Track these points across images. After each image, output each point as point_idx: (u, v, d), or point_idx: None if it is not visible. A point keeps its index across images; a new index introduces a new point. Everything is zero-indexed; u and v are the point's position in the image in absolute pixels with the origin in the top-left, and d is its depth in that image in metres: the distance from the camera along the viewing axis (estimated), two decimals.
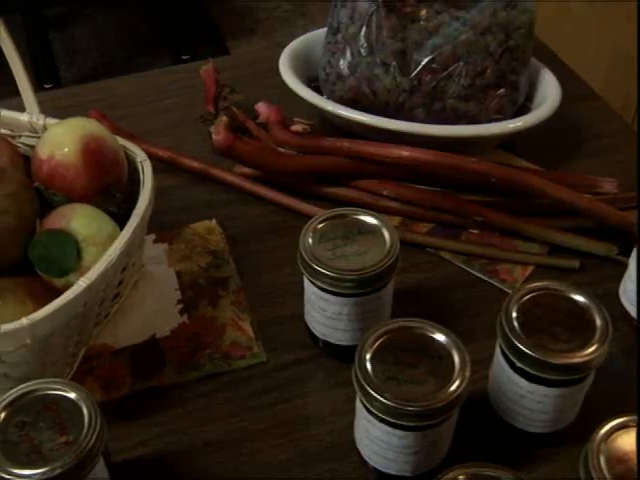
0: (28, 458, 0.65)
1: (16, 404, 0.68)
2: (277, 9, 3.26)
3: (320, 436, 0.80)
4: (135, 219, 0.81)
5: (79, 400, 0.68)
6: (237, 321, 0.89)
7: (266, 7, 3.27)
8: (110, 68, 2.98)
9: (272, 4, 3.27)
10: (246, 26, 3.17)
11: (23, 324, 0.71)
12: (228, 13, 3.24)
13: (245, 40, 3.08)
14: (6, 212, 0.80)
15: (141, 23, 3.21)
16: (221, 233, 1.00)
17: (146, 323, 0.90)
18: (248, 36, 3.11)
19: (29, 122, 0.93)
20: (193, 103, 1.22)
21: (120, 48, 3.12)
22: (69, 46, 3.11)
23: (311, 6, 3.24)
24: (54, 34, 3.06)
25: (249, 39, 3.09)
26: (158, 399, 0.84)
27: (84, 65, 3.04)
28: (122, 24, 3.23)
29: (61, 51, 3.05)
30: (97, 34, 3.17)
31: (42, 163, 0.84)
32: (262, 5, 3.26)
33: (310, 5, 3.25)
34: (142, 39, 3.14)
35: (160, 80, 1.30)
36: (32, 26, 2.67)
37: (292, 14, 3.24)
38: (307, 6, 3.26)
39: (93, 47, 3.12)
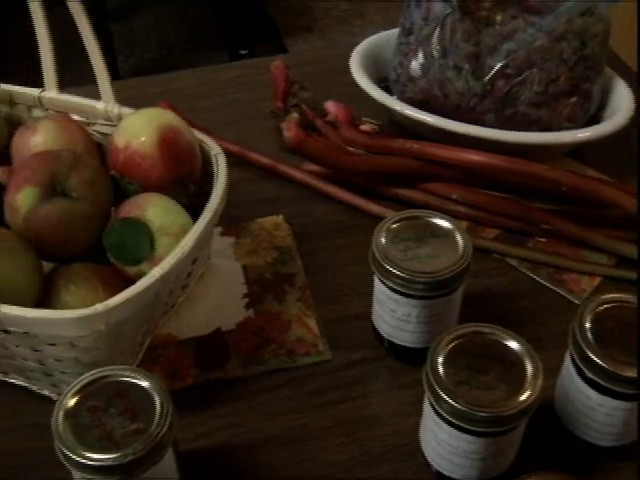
0: (100, 443, 0.65)
1: (88, 389, 0.69)
2: (335, 8, 3.26)
3: (383, 437, 0.80)
4: (209, 212, 0.81)
5: (151, 388, 0.68)
6: (302, 318, 0.89)
7: (324, 6, 3.27)
8: (168, 61, 2.99)
9: (330, 3, 3.27)
10: (303, 24, 3.17)
11: (98, 310, 0.71)
12: (286, 10, 3.24)
13: (302, 38, 3.09)
14: (82, 198, 0.81)
15: (200, 17, 3.23)
16: (288, 229, 1.00)
17: (211, 316, 0.90)
18: (305, 34, 3.11)
19: (104, 110, 0.94)
20: (258, 98, 1.22)
21: (178, 41, 3.13)
22: (128, 38, 3.13)
23: (369, 6, 3.24)
24: (114, 25, 3.09)
25: (305, 37, 3.09)
26: (222, 391, 0.84)
27: (142, 57, 3.06)
28: (181, 17, 3.25)
29: (120, 42, 3.07)
30: (156, 26, 3.19)
31: (118, 151, 0.85)
32: (320, 4, 3.26)
33: (368, 5, 3.24)
34: (200, 33, 3.15)
35: (226, 75, 1.31)
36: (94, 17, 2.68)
37: (350, 14, 3.24)
38: (365, 6, 3.25)
39: (152, 39, 3.14)
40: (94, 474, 0.65)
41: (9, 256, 0.78)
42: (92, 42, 0.89)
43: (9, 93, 0.99)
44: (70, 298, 0.79)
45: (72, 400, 0.68)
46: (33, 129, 0.92)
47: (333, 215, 1.03)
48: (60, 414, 0.67)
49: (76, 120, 0.95)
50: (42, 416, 0.80)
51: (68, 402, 0.68)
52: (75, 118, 0.96)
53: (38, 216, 0.80)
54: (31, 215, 0.80)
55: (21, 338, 0.75)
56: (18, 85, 0.99)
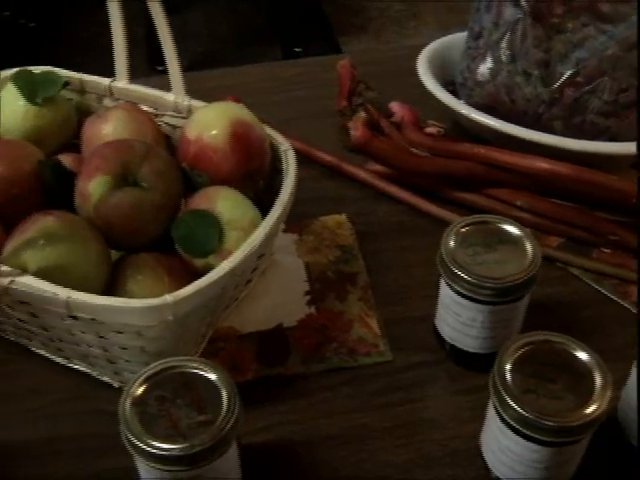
0: (166, 432, 0.66)
1: (156, 378, 0.69)
2: (389, 8, 3.26)
3: (443, 441, 0.80)
4: (278, 207, 0.81)
5: (219, 381, 0.68)
6: (364, 318, 0.89)
7: (378, 6, 3.26)
8: (220, 55, 3.00)
9: (384, 3, 3.27)
10: (358, 23, 3.17)
11: (167, 301, 0.71)
12: (340, 9, 3.24)
13: (355, 38, 3.08)
14: (153, 189, 0.81)
15: (253, 13, 3.23)
16: (351, 228, 1.00)
17: (273, 311, 0.90)
18: (359, 34, 3.11)
19: (174, 102, 0.94)
20: (322, 96, 1.22)
21: (232, 36, 3.14)
22: (180, 31, 3.14)
23: (423, 7, 3.23)
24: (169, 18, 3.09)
25: (359, 37, 3.09)
26: (282, 387, 0.84)
27: (195, 50, 3.07)
28: (234, 12, 3.26)
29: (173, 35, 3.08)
30: (210, 20, 3.21)
31: (189, 144, 0.85)
32: (375, 4, 3.26)
33: (422, 6, 3.23)
34: (253, 29, 3.16)
35: (289, 71, 1.31)
36: None
37: (404, 15, 3.23)
38: (419, 7, 3.25)
39: (204, 34, 3.15)
40: (159, 463, 0.65)
41: (79, 244, 0.79)
42: (166, 34, 0.90)
43: (80, 81, 1.00)
44: (136, 287, 0.80)
45: (140, 389, 0.68)
46: (104, 118, 0.92)
47: (395, 216, 1.03)
48: (128, 402, 0.67)
49: (145, 111, 0.95)
50: (102, 402, 0.82)
51: (136, 390, 0.68)
52: (144, 109, 0.96)
53: (109, 205, 0.81)
54: (102, 203, 0.81)
55: (88, 325, 0.75)
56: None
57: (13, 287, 0.75)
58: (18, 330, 0.85)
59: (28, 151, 0.89)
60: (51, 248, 0.77)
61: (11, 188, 0.86)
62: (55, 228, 0.78)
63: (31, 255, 0.77)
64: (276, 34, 3.04)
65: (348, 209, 1.03)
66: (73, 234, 0.79)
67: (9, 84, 0.97)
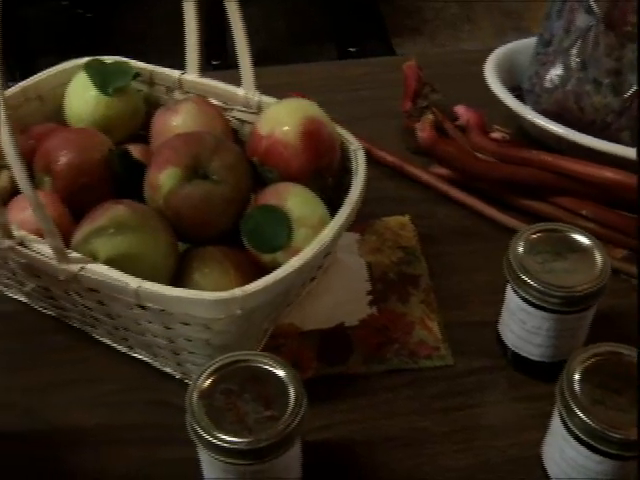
0: (233, 426, 0.66)
1: (223, 371, 0.69)
2: (444, 11, 3.24)
3: (502, 447, 0.79)
4: (348, 206, 0.81)
5: (286, 377, 0.68)
6: (425, 320, 0.89)
7: (434, 7, 3.25)
8: (275, 53, 3.01)
9: (440, 4, 3.25)
10: (412, 25, 3.16)
11: (236, 295, 0.72)
12: (396, 10, 3.23)
13: (410, 39, 3.08)
14: (223, 182, 0.82)
15: (310, 11, 3.24)
16: (413, 230, 0.99)
17: (334, 310, 0.90)
18: (414, 36, 3.10)
19: (244, 97, 0.94)
20: (386, 97, 1.22)
21: (288, 34, 3.15)
22: None
23: (478, 10, 3.21)
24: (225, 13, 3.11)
25: (414, 39, 3.08)
26: (343, 386, 0.84)
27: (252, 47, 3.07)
28: (291, 10, 3.26)
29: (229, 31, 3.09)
30: (267, 17, 3.21)
31: (261, 139, 0.86)
32: (430, 4, 3.24)
33: (477, 9, 3.22)
34: (309, 27, 3.16)
35: (354, 71, 1.31)
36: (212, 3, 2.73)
37: (458, 18, 3.22)
38: (474, 10, 3.23)
39: (262, 30, 3.15)
40: (224, 456, 0.65)
41: (150, 234, 0.79)
42: (241, 30, 0.90)
43: (150, 73, 1.01)
44: (202, 280, 0.80)
45: (207, 381, 0.68)
46: (174, 110, 0.93)
47: (458, 220, 1.02)
48: (195, 394, 0.67)
49: (215, 104, 0.96)
50: (163, 393, 0.83)
51: (203, 383, 0.68)
52: (213, 102, 0.96)
53: (179, 196, 0.81)
54: (172, 195, 0.81)
55: (156, 315, 0.76)
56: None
57: (83, 274, 0.75)
58: (83, 317, 0.86)
59: (98, 140, 0.90)
60: (121, 237, 0.78)
61: (80, 176, 0.87)
62: (126, 217, 0.79)
63: (101, 243, 0.78)
64: (331, 33, 3.04)
65: (409, 210, 1.03)
66: (143, 224, 0.79)
67: (80, 73, 0.98)
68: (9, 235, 0.79)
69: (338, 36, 2.97)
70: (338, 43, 2.94)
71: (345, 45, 2.91)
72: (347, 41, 2.92)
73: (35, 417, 0.83)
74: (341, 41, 2.93)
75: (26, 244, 0.79)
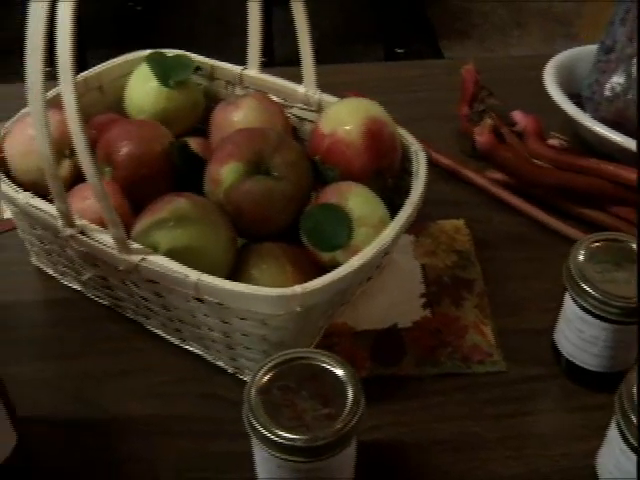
0: (290, 423, 0.66)
1: (281, 368, 0.69)
2: (493, 15, 3.23)
3: (554, 457, 0.79)
4: (409, 207, 0.81)
5: (345, 376, 0.68)
6: (479, 325, 0.88)
7: (482, 10, 3.23)
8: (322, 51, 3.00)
9: (488, 7, 3.23)
10: (460, 29, 3.15)
11: (296, 292, 0.72)
12: (444, 12, 3.23)
13: (458, 43, 3.07)
14: (284, 179, 0.82)
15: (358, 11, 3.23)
16: (468, 234, 0.99)
17: (388, 311, 0.90)
18: (462, 39, 3.09)
19: (305, 94, 0.94)
20: (442, 99, 1.22)
21: (335, 33, 3.15)
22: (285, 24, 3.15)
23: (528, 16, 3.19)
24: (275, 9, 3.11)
25: (462, 42, 3.07)
26: (395, 387, 0.84)
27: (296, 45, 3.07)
28: (339, 9, 3.26)
29: (278, 27, 3.09)
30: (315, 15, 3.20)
31: (323, 137, 0.86)
32: (478, 8, 3.23)
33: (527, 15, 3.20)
34: (356, 27, 3.16)
35: (410, 72, 1.31)
36: None
37: (507, 22, 3.20)
38: (523, 15, 3.21)
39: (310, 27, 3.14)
40: (281, 452, 0.65)
41: (210, 227, 0.79)
42: (304, 27, 0.90)
43: (211, 67, 1.01)
44: (260, 276, 0.80)
45: (265, 377, 0.68)
46: (235, 105, 0.93)
47: (513, 226, 1.02)
48: (253, 389, 0.67)
49: (275, 101, 0.96)
50: (215, 386, 0.83)
51: (262, 378, 0.68)
52: (273, 99, 0.97)
53: (239, 191, 0.81)
54: (233, 190, 0.81)
55: (213, 308, 0.76)
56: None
57: (143, 265, 0.76)
58: (138, 308, 0.86)
59: (160, 132, 0.91)
60: (182, 230, 0.78)
61: (141, 167, 0.87)
62: (187, 210, 0.79)
63: (162, 235, 0.78)
64: (378, 34, 3.03)
65: (464, 214, 1.03)
66: (204, 218, 0.79)
67: (142, 65, 0.99)
68: (71, 224, 0.79)
69: (385, 37, 2.97)
70: (385, 44, 2.93)
71: (392, 46, 2.91)
72: (394, 42, 2.92)
73: (89, 405, 0.83)
74: (388, 42, 2.93)
75: (87, 233, 0.79)
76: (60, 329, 0.91)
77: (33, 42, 0.67)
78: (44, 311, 0.95)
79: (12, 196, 0.84)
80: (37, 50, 0.67)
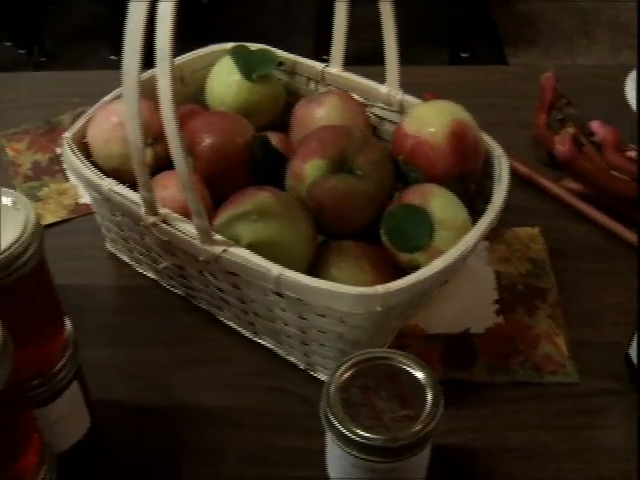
0: (368, 422, 0.66)
1: (361, 367, 0.69)
2: (560, 23, 3.19)
3: (624, 472, 0.78)
4: (492, 212, 0.81)
5: (425, 378, 0.68)
6: (552, 335, 0.88)
7: (549, 19, 3.20)
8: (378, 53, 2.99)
9: (556, 16, 3.20)
10: (527, 36, 3.12)
11: (378, 291, 0.72)
12: (510, 18, 3.20)
13: (524, 50, 3.04)
14: (367, 178, 0.82)
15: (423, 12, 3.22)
16: (543, 243, 0.98)
17: (461, 315, 0.89)
18: (528, 47, 3.06)
19: (387, 94, 0.94)
20: (518, 106, 1.21)
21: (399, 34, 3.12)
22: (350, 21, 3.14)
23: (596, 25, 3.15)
24: None
25: (528, 50, 3.04)
26: (466, 393, 0.83)
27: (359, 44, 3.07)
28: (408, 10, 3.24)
29: None
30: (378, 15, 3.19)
31: (407, 138, 0.85)
32: (546, 16, 3.20)
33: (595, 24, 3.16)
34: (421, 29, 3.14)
35: (488, 77, 1.30)
36: None
37: (575, 31, 3.16)
38: (592, 25, 3.17)
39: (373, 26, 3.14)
40: (358, 451, 0.66)
41: (292, 223, 0.80)
42: (391, 26, 0.90)
43: (293, 63, 1.01)
44: (338, 274, 0.80)
45: (345, 375, 0.68)
46: (318, 102, 0.93)
47: (589, 237, 1.01)
48: (333, 386, 0.68)
49: (357, 100, 0.96)
50: (285, 381, 0.83)
51: (341, 376, 0.68)
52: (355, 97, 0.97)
53: (322, 188, 0.81)
54: (316, 186, 0.82)
55: (292, 304, 0.76)
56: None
57: (225, 257, 0.76)
58: (212, 299, 0.87)
59: (242, 125, 0.91)
60: (264, 224, 0.78)
61: (222, 159, 0.88)
62: (270, 204, 0.79)
63: (244, 228, 0.78)
64: (442, 37, 3.01)
65: (539, 222, 1.02)
66: (286, 212, 0.80)
67: (224, 58, 0.99)
68: (154, 212, 0.80)
69: (450, 40, 2.95)
70: (450, 48, 2.91)
71: (457, 50, 2.89)
72: (459, 46, 2.90)
73: (160, 392, 0.84)
74: (453, 46, 2.91)
75: (169, 222, 0.80)
76: (133, 316, 0.92)
77: (132, 31, 0.67)
78: (117, 297, 0.96)
79: (96, 182, 0.85)
80: (135, 40, 0.67)
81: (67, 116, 1.20)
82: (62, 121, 1.20)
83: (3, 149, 1.15)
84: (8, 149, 1.15)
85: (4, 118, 1.21)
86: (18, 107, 1.24)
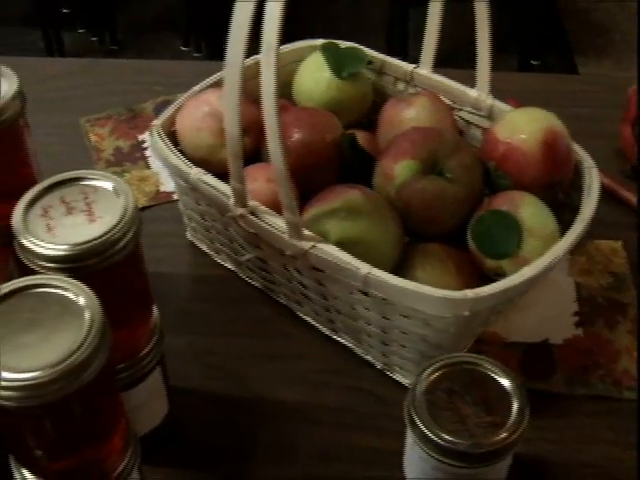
0: (453, 426, 0.66)
1: (446, 370, 0.69)
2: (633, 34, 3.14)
3: None
4: (580, 224, 0.80)
5: (511, 386, 0.68)
6: (632, 351, 0.87)
7: (622, 29, 3.15)
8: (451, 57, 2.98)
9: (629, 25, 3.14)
10: (599, 45, 3.08)
11: (467, 296, 0.71)
12: (582, 27, 3.16)
13: (595, 60, 3.00)
14: (458, 181, 0.82)
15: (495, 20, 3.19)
16: (625, 257, 0.97)
17: (540, 325, 0.89)
18: (599, 57, 3.02)
19: (476, 98, 0.94)
20: (600, 117, 1.19)
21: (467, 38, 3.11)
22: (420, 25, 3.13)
23: None
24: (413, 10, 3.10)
25: (599, 60, 3.00)
26: (543, 403, 0.82)
27: None
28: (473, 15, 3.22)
29: (414, 28, 3.08)
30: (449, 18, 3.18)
31: (498, 143, 0.85)
32: (620, 26, 3.15)
33: None
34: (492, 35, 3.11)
35: (568, 86, 1.29)
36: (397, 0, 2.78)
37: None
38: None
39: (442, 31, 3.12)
40: (441, 454, 0.66)
41: (380, 222, 0.80)
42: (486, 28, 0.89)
43: (381, 62, 1.01)
44: (423, 276, 0.80)
45: (431, 377, 0.68)
46: (408, 102, 0.93)
47: None
48: (419, 388, 0.68)
49: (446, 103, 0.95)
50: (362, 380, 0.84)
51: (428, 378, 0.68)
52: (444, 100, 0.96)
53: (412, 189, 0.81)
54: (405, 187, 0.81)
55: (377, 303, 0.76)
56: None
57: (313, 252, 0.76)
58: (292, 294, 0.87)
59: (332, 122, 0.91)
60: (353, 222, 0.79)
61: (311, 155, 0.88)
62: (360, 203, 0.80)
63: (333, 225, 0.78)
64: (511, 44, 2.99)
65: (620, 235, 1.01)
66: (375, 212, 0.80)
67: (314, 54, 0.99)
68: (243, 203, 0.80)
69: (520, 47, 2.93)
70: (520, 55, 2.89)
71: (527, 57, 2.87)
72: (529, 53, 2.88)
73: (238, 384, 0.85)
74: (523, 53, 2.89)
75: (258, 214, 0.80)
76: (211, 306, 0.93)
77: (239, 24, 0.68)
78: (195, 286, 0.97)
79: (184, 171, 0.86)
80: (242, 32, 0.68)
81: (149, 104, 1.21)
82: (144, 109, 1.21)
83: (87, 134, 1.16)
84: (91, 134, 1.16)
85: (88, 103, 1.23)
86: (101, 93, 1.25)
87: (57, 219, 0.63)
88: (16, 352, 0.54)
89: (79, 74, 1.30)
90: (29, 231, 0.62)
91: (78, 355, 0.54)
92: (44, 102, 1.18)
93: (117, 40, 3.02)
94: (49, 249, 0.61)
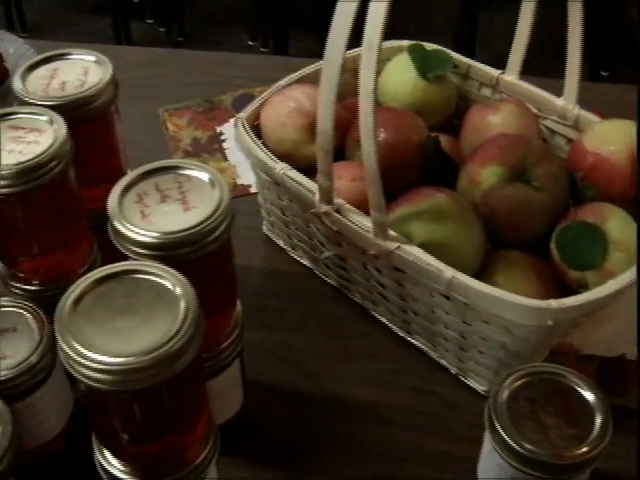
0: (534, 436, 0.65)
1: (529, 379, 0.69)
2: None
3: None
4: None
5: (594, 400, 0.67)
6: None
7: None
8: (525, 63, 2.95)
9: None
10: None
11: (552, 306, 0.71)
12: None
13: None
14: (544, 190, 0.81)
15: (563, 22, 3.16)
16: None
17: (617, 339, 0.87)
18: None
19: (563, 108, 0.93)
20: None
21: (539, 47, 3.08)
22: (488, 29, 3.12)
23: None
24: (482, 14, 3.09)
25: None
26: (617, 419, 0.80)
27: (496, 51, 3.04)
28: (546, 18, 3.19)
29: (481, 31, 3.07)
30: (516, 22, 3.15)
31: (586, 154, 0.84)
32: None
33: None
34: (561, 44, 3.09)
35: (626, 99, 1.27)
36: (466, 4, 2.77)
37: None
38: None
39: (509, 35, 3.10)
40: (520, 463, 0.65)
41: (465, 226, 0.79)
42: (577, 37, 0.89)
43: (467, 66, 1.01)
44: (505, 283, 0.79)
45: (514, 385, 0.68)
46: (495, 108, 0.93)
47: None
48: (501, 395, 0.67)
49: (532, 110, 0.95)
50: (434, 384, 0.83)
51: (510, 385, 0.68)
52: None
53: (498, 195, 0.81)
54: (491, 193, 0.81)
55: (458, 307, 0.76)
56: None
57: (397, 253, 0.76)
58: (369, 293, 0.87)
59: (417, 124, 0.91)
60: (438, 224, 0.79)
61: (395, 156, 0.87)
62: (446, 206, 0.79)
63: (418, 227, 0.78)
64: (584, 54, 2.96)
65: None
66: (461, 216, 0.80)
67: (400, 54, 0.99)
68: (329, 200, 0.80)
69: (591, 57, 2.90)
70: (590, 64, 2.86)
71: (597, 67, 2.84)
72: (600, 64, 2.85)
73: (311, 381, 0.85)
74: (594, 63, 2.86)
75: (343, 212, 0.80)
76: (285, 301, 0.93)
77: (340, 23, 0.68)
78: (270, 281, 0.97)
79: (269, 165, 0.86)
80: (343, 30, 0.68)
81: (228, 97, 1.22)
82: (223, 101, 1.22)
83: (164, 123, 1.17)
84: (169, 123, 1.17)
85: (166, 93, 1.24)
86: (180, 84, 1.26)
87: (152, 206, 0.64)
88: (111, 336, 0.55)
89: (159, 64, 1.32)
90: (124, 216, 0.62)
91: (172, 344, 0.54)
92: (123, 90, 1.19)
93: (184, 32, 3.04)
94: (143, 235, 0.61)
